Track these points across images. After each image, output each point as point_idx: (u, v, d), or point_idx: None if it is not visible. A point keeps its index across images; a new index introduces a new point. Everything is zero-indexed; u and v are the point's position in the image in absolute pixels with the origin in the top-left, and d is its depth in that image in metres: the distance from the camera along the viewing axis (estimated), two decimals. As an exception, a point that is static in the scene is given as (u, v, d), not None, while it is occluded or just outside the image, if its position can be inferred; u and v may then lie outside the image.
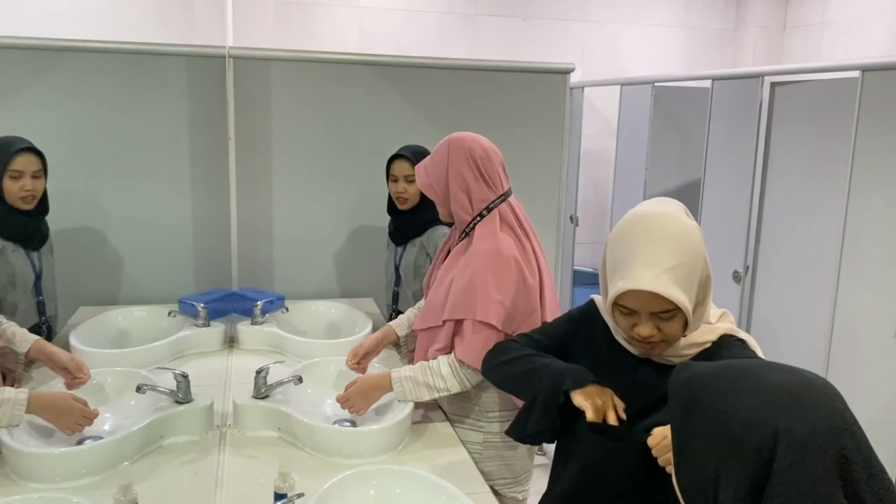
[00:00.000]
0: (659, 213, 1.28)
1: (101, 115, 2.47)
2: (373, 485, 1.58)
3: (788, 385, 0.86)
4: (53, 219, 2.17)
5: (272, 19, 4.56)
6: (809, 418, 0.83)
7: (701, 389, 0.92)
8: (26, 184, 2.01)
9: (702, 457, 0.89)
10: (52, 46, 2.37)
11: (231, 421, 1.88)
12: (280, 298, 2.60)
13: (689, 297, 1.24)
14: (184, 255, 2.68)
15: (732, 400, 0.87)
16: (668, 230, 1.25)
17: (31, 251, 2.10)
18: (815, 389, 0.86)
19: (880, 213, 2.71)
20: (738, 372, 0.91)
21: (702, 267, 1.27)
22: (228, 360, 2.33)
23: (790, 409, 0.83)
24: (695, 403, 0.92)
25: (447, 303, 1.87)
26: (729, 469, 0.85)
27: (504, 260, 1.83)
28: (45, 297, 2.17)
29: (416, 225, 2.53)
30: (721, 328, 1.33)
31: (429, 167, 1.92)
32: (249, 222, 2.88)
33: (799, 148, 3.15)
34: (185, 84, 2.60)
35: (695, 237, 1.26)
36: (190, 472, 1.68)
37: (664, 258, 1.23)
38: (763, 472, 0.82)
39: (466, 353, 1.83)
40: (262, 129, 2.86)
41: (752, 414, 0.84)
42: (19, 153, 2.01)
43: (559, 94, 3.14)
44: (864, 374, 2.78)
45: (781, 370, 0.90)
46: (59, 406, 1.64)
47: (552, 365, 1.44)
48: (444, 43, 4.97)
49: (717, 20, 5.60)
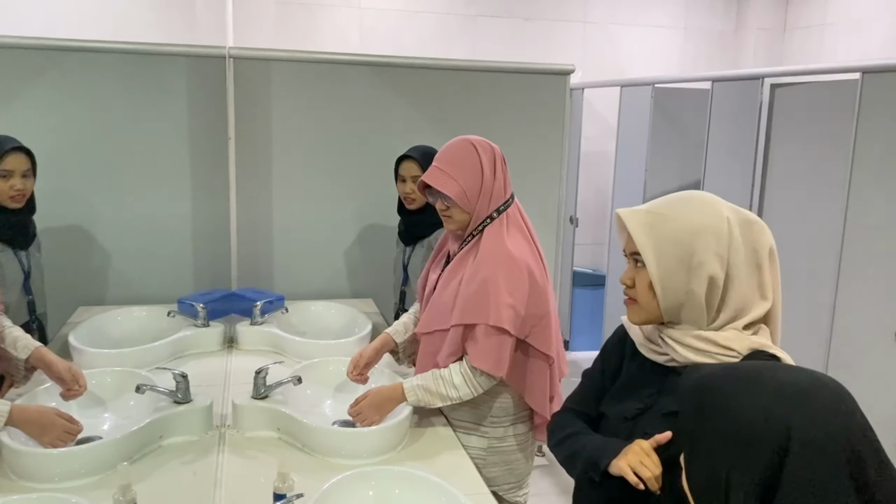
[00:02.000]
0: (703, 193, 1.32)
1: (101, 116, 2.47)
2: (372, 485, 1.58)
3: (801, 385, 0.85)
4: (53, 219, 2.17)
5: (273, 19, 4.56)
6: (822, 418, 0.82)
7: (711, 391, 0.90)
8: (16, 183, 2.00)
9: (713, 459, 0.88)
10: (52, 46, 2.37)
11: (230, 421, 1.88)
12: (280, 299, 2.60)
13: (658, 257, 1.23)
14: (183, 256, 2.68)
15: (744, 400, 0.86)
16: (689, 193, 1.29)
17: (19, 250, 2.10)
18: (828, 390, 0.85)
19: (880, 215, 2.71)
20: (748, 373, 0.91)
21: (700, 253, 1.22)
22: (228, 360, 2.33)
23: (803, 409, 0.83)
24: (706, 404, 0.90)
25: (456, 307, 1.84)
26: (740, 470, 0.84)
27: (515, 264, 1.82)
28: (35, 295, 2.16)
29: (424, 225, 2.52)
30: (755, 342, 1.25)
31: (458, 175, 1.83)
32: (249, 222, 2.88)
33: (799, 149, 3.15)
34: (184, 84, 2.60)
35: (709, 221, 1.23)
36: (189, 472, 1.68)
37: (657, 203, 1.28)
38: (775, 471, 0.82)
39: (481, 359, 1.80)
40: (262, 129, 2.86)
41: (764, 413, 0.83)
42: (9, 153, 2.00)
43: (559, 96, 3.14)
44: (863, 375, 2.78)
45: (793, 371, 0.90)
46: (41, 421, 1.61)
47: (583, 450, 1.36)
48: (445, 43, 4.98)
49: (717, 21, 5.61)
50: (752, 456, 0.83)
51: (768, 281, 1.25)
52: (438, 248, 2.12)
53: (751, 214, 1.28)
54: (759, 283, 1.25)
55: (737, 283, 1.23)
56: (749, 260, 1.24)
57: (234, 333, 2.45)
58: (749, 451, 0.84)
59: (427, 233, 2.52)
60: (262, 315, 2.48)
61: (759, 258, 1.24)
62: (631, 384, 1.37)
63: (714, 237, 1.22)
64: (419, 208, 2.50)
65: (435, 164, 1.86)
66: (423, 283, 2.12)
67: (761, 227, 1.26)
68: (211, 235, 2.77)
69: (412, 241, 2.60)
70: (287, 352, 2.35)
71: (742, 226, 1.25)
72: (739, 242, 1.24)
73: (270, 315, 2.52)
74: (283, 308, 2.59)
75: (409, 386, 1.87)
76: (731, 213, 1.26)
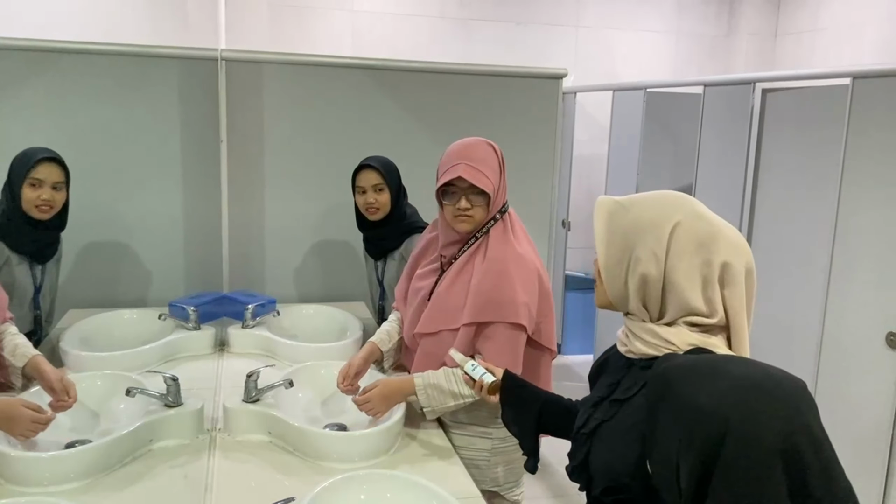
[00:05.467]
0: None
1: (92, 117, 2.46)
2: (364, 489, 1.58)
3: (751, 379, 0.88)
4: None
5: (265, 22, 4.56)
6: (763, 414, 0.85)
7: (671, 381, 0.96)
8: (44, 193, 1.99)
9: (667, 444, 0.94)
10: (43, 48, 2.36)
11: (221, 425, 1.87)
12: (271, 302, 2.59)
13: (607, 247, 1.25)
14: (175, 258, 2.67)
15: (699, 389, 0.91)
16: (667, 192, 1.30)
17: (35, 264, 2.08)
18: (779, 387, 0.88)
19: (870, 220, 2.72)
20: (707, 365, 0.95)
21: (638, 249, 1.22)
22: (219, 363, 2.32)
23: (745, 404, 0.86)
24: (665, 393, 0.96)
25: (468, 306, 1.85)
26: (685, 458, 0.89)
27: (525, 263, 1.86)
28: (43, 311, 2.15)
29: (391, 237, 2.47)
30: (696, 339, 1.20)
31: (489, 172, 1.85)
32: (241, 225, 2.88)
33: (790, 154, 3.16)
34: (176, 86, 2.60)
35: (657, 222, 1.21)
36: (180, 476, 1.67)
37: (632, 195, 1.30)
38: (711, 463, 0.86)
39: (500, 357, 1.81)
40: (255, 132, 2.86)
41: (712, 403, 0.88)
42: (41, 162, 1.99)
43: (552, 99, 3.15)
44: (854, 381, 2.79)
45: (750, 365, 0.93)
46: (10, 413, 1.58)
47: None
48: (438, 47, 4.98)
49: (709, 26, 5.63)
50: (694, 444, 0.88)
51: (717, 298, 1.19)
52: (420, 255, 2.11)
53: (726, 229, 1.22)
54: (707, 297, 1.19)
55: (677, 288, 1.19)
56: (693, 269, 1.19)
57: (225, 336, 2.44)
58: (692, 439, 0.89)
59: (396, 244, 2.48)
60: (253, 318, 2.48)
61: (708, 272, 1.18)
62: (606, 374, 1.39)
63: (655, 237, 1.20)
64: (383, 219, 2.46)
65: (465, 163, 1.83)
66: (406, 290, 2.11)
67: (729, 245, 1.19)
68: (202, 238, 2.76)
69: (381, 254, 2.56)
70: (278, 355, 2.34)
71: (699, 234, 1.20)
72: (684, 249, 1.19)
73: (262, 318, 2.52)
74: (275, 311, 2.58)
75: (422, 383, 1.86)
76: (690, 220, 1.21)
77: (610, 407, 1.28)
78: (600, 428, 1.27)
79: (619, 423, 1.24)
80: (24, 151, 2.03)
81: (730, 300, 1.19)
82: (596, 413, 1.31)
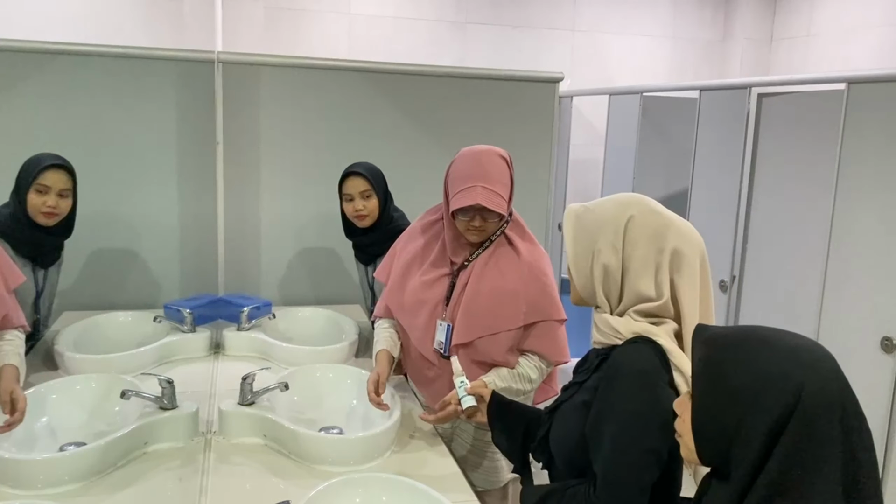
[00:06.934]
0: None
1: (88, 119, 2.46)
2: (359, 492, 1.57)
3: (807, 346, 0.94)
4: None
5: (262, 25, 4.56)
6: (828, 378, 0.91)
7: (725, 347, 0.97)
8: (49, 199, 1.98)
9: (722, 409, 0.95)
10: (40, 49, 2.36)
11: (216, 428, 1.87)
12: (267, 304, 2.58)
13: (574, 244, 1.41)
14: (170, 261, 2.67)
15: (758, 355, 0.94)
16: (624, 194, 1.44)
17: (38, 268, 2.08)
18: (826, 355, 0.94)
19: (866, 224, 2.73)
20: (757, 333, 0.98)
21: (599, 242, 1.36)
22: (214, 366, 2.32)
23: (812, 369, 0.91)
24: (719, 358, 0.97)
25: (515, 309, 1.90)
26: (750, 419, 0.91)
27: (548, 260, 2.00)
28: (42, 314, 2.14)
29: (380, 242, 2.44)
30: (639, 327, 1.33)
31: (504, 192, 1.86)
32: (237, 228, 2.87)
33: (786, 158, 3.17)
34: (173, 88, 2.59)
35: (615, 217, 1.36)
36: (174, 479, 1.66)
37: (597, 199, 1.47)
38: (781, 423, 0.89)
39: (560, 353, 1.96)
40: (251, 134, 2.86)
41: (780, 370, 0.91)
42: (48, 169, 1.98)
43: (548, 103, 3.15)
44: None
45: (794, 335, 0.97)
46: None
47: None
48: (434, 50, 4.99)
49: (704, 31, 5.65)
50: (764, 408, 0.90)
51: (666, 282, 1.32)
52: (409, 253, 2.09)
53: (678, 221, 1.36)
54: (657, 282, 1.32)
55: (633, 275, 1.33)
56: (648, 258, 1.32)
57: (220, 339, 2.43)
58: (762, 401, 0.91)
59: (385, 248, 2.48)
60: (249, 321, 2.47)
61: (660, 259, 1.32)
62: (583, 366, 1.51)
63: (613, 230, 1.34)
64: (371, 225, 2.44)
65: (482, 185, 1.83)
66: (399, 302, 2.07)
67: (680, 235, 1.33)
68: (198, 241, 2.76)
69: (371, 259, 2.56)
70: (274, 358, 2.34)
71: (653, 225, 1.33)
72: (638, 239, 1.33)
73: (257, 321, 2.51)
74: (271, 314, 2.57)
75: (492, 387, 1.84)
76: (644, 214, 1.34)
77: (570, 388, 1.45)
78: (559, 407, 1.46)
79: (572, 402, 1.41)
80: (33, 157, 2.02)
81: (679, 285, 1.33)
82: (561, 396, 1.47)
